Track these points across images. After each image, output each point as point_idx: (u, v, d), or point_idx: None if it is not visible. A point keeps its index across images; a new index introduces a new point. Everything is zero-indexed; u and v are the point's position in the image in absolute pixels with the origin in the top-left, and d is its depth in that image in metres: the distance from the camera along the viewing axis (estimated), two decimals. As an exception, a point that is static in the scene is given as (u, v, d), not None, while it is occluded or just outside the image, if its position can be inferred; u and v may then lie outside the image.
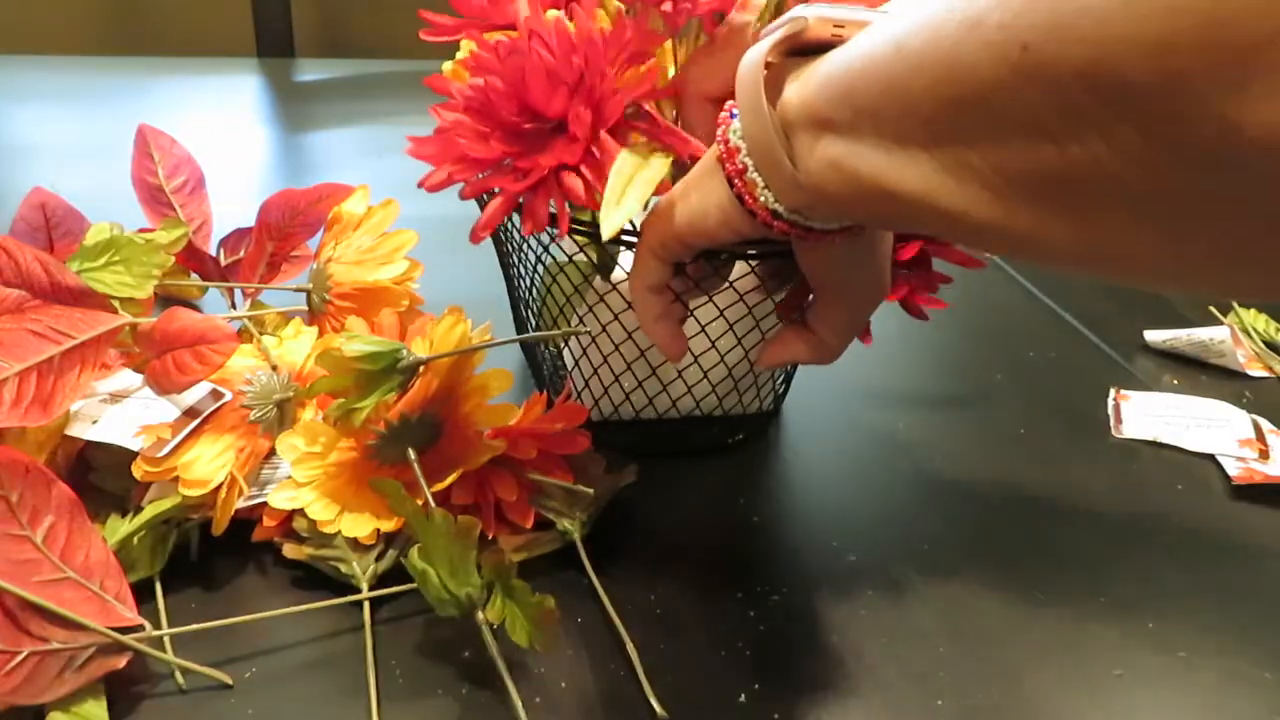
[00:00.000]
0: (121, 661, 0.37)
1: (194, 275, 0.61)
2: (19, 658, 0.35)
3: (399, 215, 0.54)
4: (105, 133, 0.93)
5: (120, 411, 0.45)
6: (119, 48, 1.34)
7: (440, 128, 0.40)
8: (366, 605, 0.41)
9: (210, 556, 0.43)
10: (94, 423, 0.44)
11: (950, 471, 0.54)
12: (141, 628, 0.38)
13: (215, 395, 0.45)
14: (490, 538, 0.44)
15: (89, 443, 0.44)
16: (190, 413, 0.45)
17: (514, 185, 0.39)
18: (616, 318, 0.48)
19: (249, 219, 0.58)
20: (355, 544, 0.42)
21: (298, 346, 0.49)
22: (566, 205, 0.39)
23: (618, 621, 0.41)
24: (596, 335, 0.49)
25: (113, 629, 0.37)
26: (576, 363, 0.51)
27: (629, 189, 0.37)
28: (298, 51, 1.26)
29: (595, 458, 0.47)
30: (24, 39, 1.31)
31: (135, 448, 0.42)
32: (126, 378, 0.47)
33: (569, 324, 0.50)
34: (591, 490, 0.45)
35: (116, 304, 0.46)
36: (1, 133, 0.91)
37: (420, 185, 0.40)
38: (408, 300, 0.53)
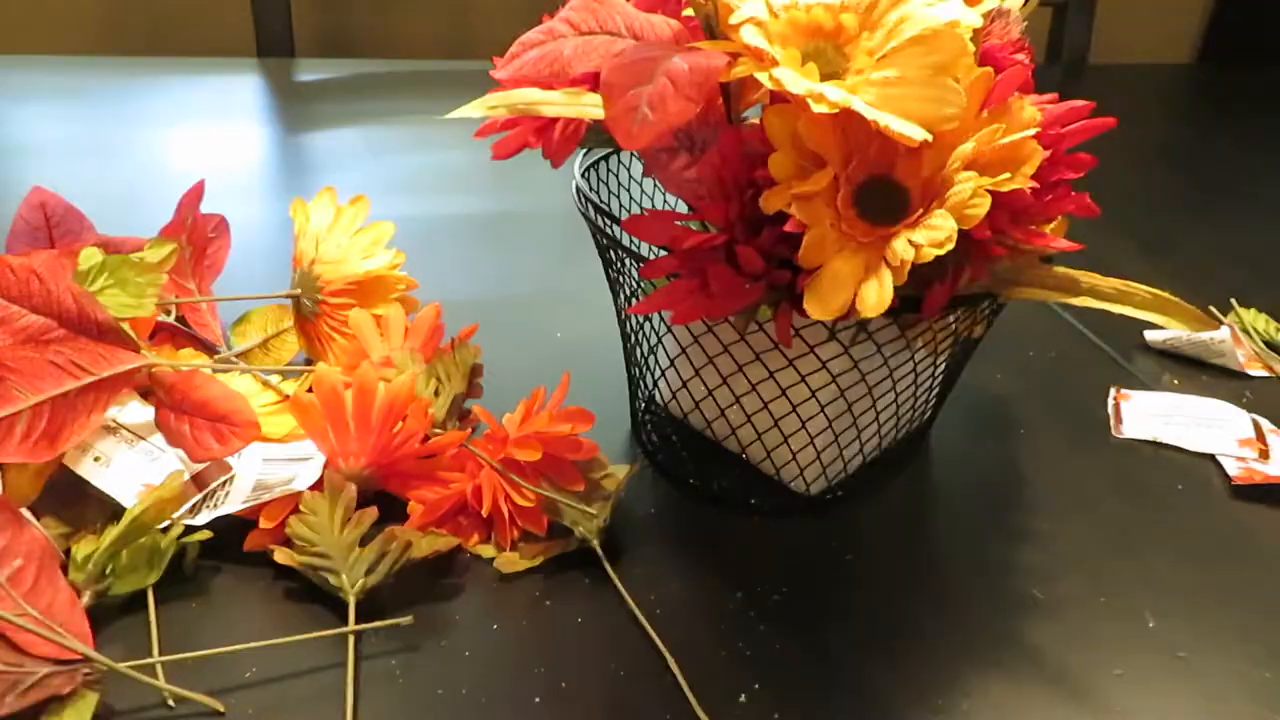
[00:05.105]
0: (66, 688, 0.35)
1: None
2: None
3: (394, 215, 0.54)
4: (105, 133, 0.93)
5: (127, 458, 0.45)
6: (119, 48, 1.34)
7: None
8: (351, 640, 0.40)
9: (208, 566, 0.43)
10: (96, 459, 0.44)
11: (949, 471, 0.54)
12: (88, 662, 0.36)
13: (222, 469, 0.45)
14: (508, 547, 0.45)
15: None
16: (198, 480, 0.45)
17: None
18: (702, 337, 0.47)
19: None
20: (346, 554, 0.42)
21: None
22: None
23: (645, 623, 0.41)
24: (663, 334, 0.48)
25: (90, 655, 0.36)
26: (645, 360, 0.49)
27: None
28: (298, 51, 1.25)
29: (602, 460, 0.47)
30: (24, 39, 1.31)
31: (130, 505, 0.42)
32: (134, 411, 0.47)
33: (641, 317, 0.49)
34: (590, 509, 0.45)
35: (141, 346, 0.45)
36: (1, 133, 0.91)
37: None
38: (404, 284, 0.53)
